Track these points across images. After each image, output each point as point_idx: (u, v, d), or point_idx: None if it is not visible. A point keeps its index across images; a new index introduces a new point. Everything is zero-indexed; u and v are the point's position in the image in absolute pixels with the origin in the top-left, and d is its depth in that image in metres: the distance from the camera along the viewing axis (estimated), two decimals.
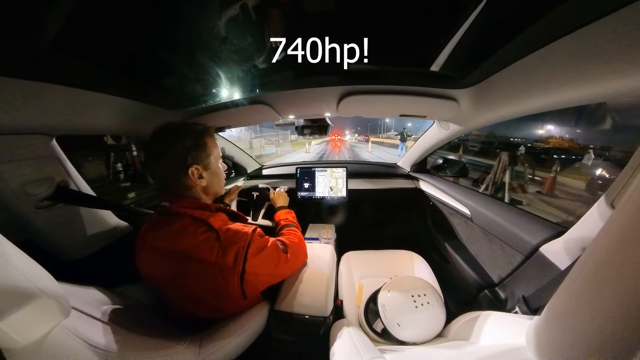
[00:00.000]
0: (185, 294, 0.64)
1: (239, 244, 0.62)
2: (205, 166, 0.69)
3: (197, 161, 0.67)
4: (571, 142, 12.28)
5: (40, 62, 0.52)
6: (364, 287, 1.06)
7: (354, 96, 0.97)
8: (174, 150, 0.65)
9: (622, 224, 0.27)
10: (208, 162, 0.70)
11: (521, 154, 6.21)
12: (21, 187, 0.64)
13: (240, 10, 0.51)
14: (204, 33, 0.60)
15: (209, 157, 0.70)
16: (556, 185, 5.56)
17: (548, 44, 0.52)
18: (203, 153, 0.69)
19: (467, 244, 1.22)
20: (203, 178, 0.69)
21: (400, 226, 2.01)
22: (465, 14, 0.50)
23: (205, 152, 0.69)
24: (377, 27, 0.61)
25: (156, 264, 0.64)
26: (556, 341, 0.32)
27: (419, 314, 0.68)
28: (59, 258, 0.78)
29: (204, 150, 0.69)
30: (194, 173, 0.67)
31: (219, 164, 0.76)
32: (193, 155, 0.67)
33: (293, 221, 1.05)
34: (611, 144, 8.77)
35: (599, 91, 0.53)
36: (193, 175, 0.67)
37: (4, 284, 0.33)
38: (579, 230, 0.67)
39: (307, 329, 0.75)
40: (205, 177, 0.70)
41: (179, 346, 0.55)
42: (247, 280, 0.63)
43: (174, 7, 0.50)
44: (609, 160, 7.40)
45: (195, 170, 0.67)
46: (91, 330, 0.46)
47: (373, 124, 58.80)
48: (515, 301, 0.76)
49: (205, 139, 0.70)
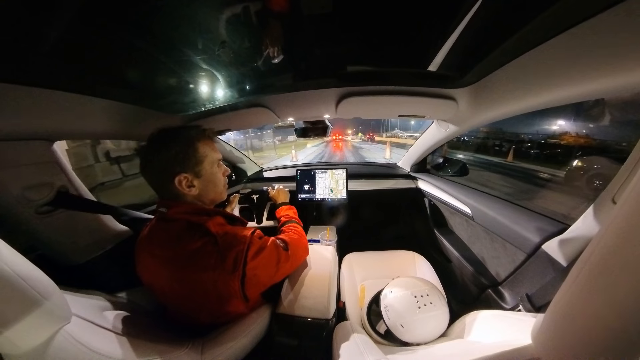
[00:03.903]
0: (185, 300, 0.64)
1: (238, 247, 0.61)
2: (196, 173, 0.65)
3: (185, 169, 0.63)
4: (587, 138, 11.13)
5: (39, 68, 0.53)
6: (366, 289, 1.05)
7: (352, 98, 0.97)
8: (160, 158, 0.62)
9: (624, 219, 0.27)
10: (200, 169, 0.66)
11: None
12: (21, 192, 0.64)
13: (242, 12, 0.51)
14: (204, 37, 0.60)
15: (200, 164, 0.66)
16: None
17: (544, 41, 0.53)
18: (192, 160, 0.64)
19: (468, 243, 1.21)
20: (194, 186, 0.65)
21: (402, 226, 2.00)
22: (462, 13, 0.50)
23: (196, 159, 0.65)
24: (374, 28, 0.61)
25: (155, 270, 0.63)
26: (562, 338, 0.32)
27: (422, 315, 0.68)
28: (59, 263, 0.77)
29: (193, 157, 0.65)
30: (181, 182, 0.63)
31: (214, 169, 0.70)
32: (180, 164, 0.63)
33: (294, 217, 1.03)
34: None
35: (596, 87, 0.53)
36: (181, 184, 0.63)
37: (5, 289, 0.33)
38: (581, 226, 0.67)
39: (309, 331, 0.74)
40: (197, 186, 0.66)
41: (181, 351, 0.54)
42: (248, 283, 0.62)
43: (174, 12, 0.51)
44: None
45: (183, 179, 0.63)
46: (92, 335, 0.45)
47: (376, 121, 58.75)
48: (518, 299, 0.76)
49: (195, 145, 0.65)
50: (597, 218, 0.63)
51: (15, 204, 0.64)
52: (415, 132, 37.78)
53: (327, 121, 1.46)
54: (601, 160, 2.87)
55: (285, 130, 7.91)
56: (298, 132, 1.54)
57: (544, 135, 12.88)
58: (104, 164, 2.54)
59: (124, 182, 2.73)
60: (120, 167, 2.70)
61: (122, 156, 2.71)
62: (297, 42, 0.66)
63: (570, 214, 0.77)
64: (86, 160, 2.40)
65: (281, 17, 0.55)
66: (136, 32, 0.54)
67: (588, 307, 0.29)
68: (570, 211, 0.78)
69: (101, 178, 2.50)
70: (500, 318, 0.56)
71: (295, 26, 0.59)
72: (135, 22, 0.51)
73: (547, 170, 6.25)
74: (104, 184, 2.51)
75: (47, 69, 0.54)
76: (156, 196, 0.69)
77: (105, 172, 2.54)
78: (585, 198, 1.19)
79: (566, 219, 0.78)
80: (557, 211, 0.84)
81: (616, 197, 0.60)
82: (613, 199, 0.60)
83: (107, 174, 2.57)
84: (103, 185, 2.51)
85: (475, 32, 0.56)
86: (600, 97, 0.61)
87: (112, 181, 2.62)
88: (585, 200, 0.68)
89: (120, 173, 2.70)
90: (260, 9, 0.51)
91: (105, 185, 2.52)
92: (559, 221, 0.80)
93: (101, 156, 2.52)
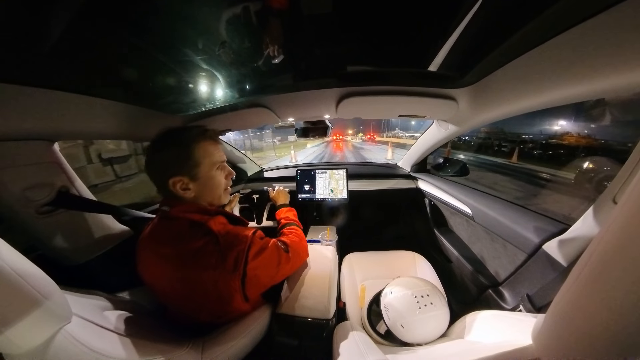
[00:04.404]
0: (185, 300, 0.64)
1: (239, 247, 0.61)
2: (192, 177, 0.64)
3: (180, 172, 0.62)
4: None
5: (39, 68, 0.53)
6: (366, 289, 1.05)
7: (352, 98, 0.97)
8: (158, 159, 0.63)
9: (624, 219, 0.27)
10: (196, 173, 0.64)
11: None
12: (22, 192, 0.64)
13: (242, 12, 0.51)
14: (204, 37, 0.60)
15: (197, 167, 0.64)
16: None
17: (545, 41, 0.53)
18: (189, 162, 0.63)
19: (469, 243, 1.21)
20: (189, 189, 0.64)
21: (402, 227, 2.00)
22: (462, 13, 0.50)
23: (192, 162, 0.63)
24: (374, 28, 0.61)
25: (156, 269, 0.63)
26: (563, 339, 0.32)
27: (422, 315, 0.68)
28: (60, 263, 0.77)
29: (189, 160, 0.63)
30: (175, 184, 0.62)
31: (213, 172, 0.68)
32: (175, 166, 0.62)
33: (294, 219, 1.04)
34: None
35: (596, 87, 0.53)
36: (175, 187, 0.62)
37: (6, 289, 0.33)
38: (582, 226, 0.67)
39: (309, 331, 0.74)
40: (193, 189, 0.64)
41: (181, 350, 0.54)
42: (248, 283, 0.62)
43: (174, 12, 0.51)
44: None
45: (177, 181, 0.62)
46: (93, 335, 0.45)
47: (377, 121, 58.45)
48: (519, 300, 0.75)
49: (191, 147, 0.63)
50: (597, 218, 0.63)
51: (16, 204, 0.64)
52: (416, 132, 37.84)
53: (327, 121, 1.46)
54: (611, 162, 2.82)
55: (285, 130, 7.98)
56: (298, 132, 1.54)
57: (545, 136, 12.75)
58: (96, 165, 2.49)
59: (117, 184, 2.67)
60: (113, 168, 2.65)
61: (115, 157, 2.66)
62: (297, 42, 0.66)
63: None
64: (78, 161, 2.35)
65: (281, 16, 0.55)
66: (136, 32, 0.54)
67: (589, 308, 0.28)
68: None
69: (94, 180, 2.44)
70: (500, 318, 0.55)
71: (295, 26, 0.59)
72: (135, 22, 0.51)
73: (554, 172, 6.15)
74: (96, 186, 2.47)
75: (47, 69, 0.54)
76: (150, 197, 0.69)
77: (97, 173, 2.48)
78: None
79: (567, 219, 0.77)
80: (576, 218, 0.73)
81: (617, 197, 0.60)
82: (614, 199, 0.60)
83: (99, 176, 2.51)
84: (96, 187, 2.46)
85: (476, 32, 0.56)
86: (600, 97, 0.61)
87: (105, 183, 2.57)
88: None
89: (113, 175, 2.64)
90: (260, 8, 0.51)
91: (97, 187, 2.47)
92: (560, 221, 0.79)
93: (94, 157, 2.46)
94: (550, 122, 14.26)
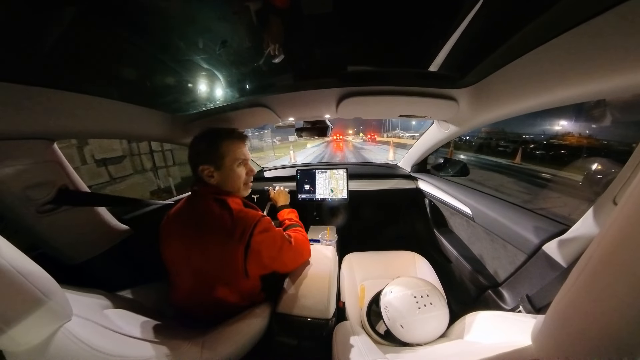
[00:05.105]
0: (195, 266, 0.70)
1: (248, 222, 0.69)
2: (217, 167, 0.77)
3: (207, 161, 0.76)
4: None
5: (40, 67, 0.53)
6: (366, 289, 1.05)
7: (353, 98, 0.97)
8: (191, 151, 0.79)
9: (624, 220, 0.27)
10: (221, 164, 0.77)
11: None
12: (23, 191, 0.64)
13: (242, 11, 0.51)
14: (205, 36, 0.60)
15: (222, 158, 0.77)
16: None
17: (545, 42, 0.53)
18: (216, 154, 0.76)
19: (469, 243, 1.21)
20: (213, 177, 0.77)
21: (402, 227, 2.00)
22: (463, 13, 0.50)
23: (219, 154, 0.77)
24: (375, 28, 0.61)
25: (178, 239, 0.73)
26: (562, 340, 0.32)
27: (422, 315, 0.68)
28: (61, 262, 0.78)
29: (216, 152, 0.77)
30: (203, 171, 0.76)
31: (235, 166, 0.80)
32: (203, 156, 0.76)
33: (297, 221, 1.05)
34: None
35: (597, 88, 0.53)
36: (202, 172, 0.76)
37: (7, 288, 0.33)
38: (582, 227, 0.67)
39: (309, 331, 0.74)
40: (216, 177, 0.77)
41: (182, 348, 0.55)
42: (250, 254, 0.67)
43: (175, 11, 0.51)
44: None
45: (205, 169, 0.76)
46: (93, 333, 0.45)
47: (377, 121, 58.34)
48: (519, 300, 0.75)
49: (218, 143, 0.77)
50: (597, 219, 0.63)
51: (17, 203, 0.64)
52: (416, 132, 37.75)
53: (327, 121, 1.46)
54: (619, 163, 2.82)
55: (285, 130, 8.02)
56: (298, 132, 1.54)
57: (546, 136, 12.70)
58: (90, 166, 2.45)
59: (111, 186, 2.63)
60: (107, 169, 2.61)
61: (109, 158, 2.62)
62: (297, 42, 0.66)
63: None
64: (72, 162, 2.32)
65: (282, 15, 0.55)
66: (137, 32, 0.54)
67: (588, 309, 0.29)
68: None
69: (87, 181, 2.41)
70: (500, 319, 0.55)
71: (296, 25, 0.59)
72: (135, 22, 0.51)
73: (559, 173, 6.05)
74: (90, 187, 2.44)
75: (47, 68, 0.54)
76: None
77: (91, 174, 2.45)
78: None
79: (566, 220, 0.77)
80: (576, 219, 0.72)
81: (617, 198, 0.59)
82: (614, 199, 0.60)
83: (93, 177, 2.47)
84: (90, 188, 2.43)
85: (476, 33, 0.56)
86: (601, 97, 0.61)
87: (99, 184, 2.53)
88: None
89: (107, 176, 2.61)
90: (260, 7, 0.51)
91: (91, 188, 2.44)
92: (560, 222, 0.79)
93: (88, 158, 2.42)
94: (552, 122, 14.22)
